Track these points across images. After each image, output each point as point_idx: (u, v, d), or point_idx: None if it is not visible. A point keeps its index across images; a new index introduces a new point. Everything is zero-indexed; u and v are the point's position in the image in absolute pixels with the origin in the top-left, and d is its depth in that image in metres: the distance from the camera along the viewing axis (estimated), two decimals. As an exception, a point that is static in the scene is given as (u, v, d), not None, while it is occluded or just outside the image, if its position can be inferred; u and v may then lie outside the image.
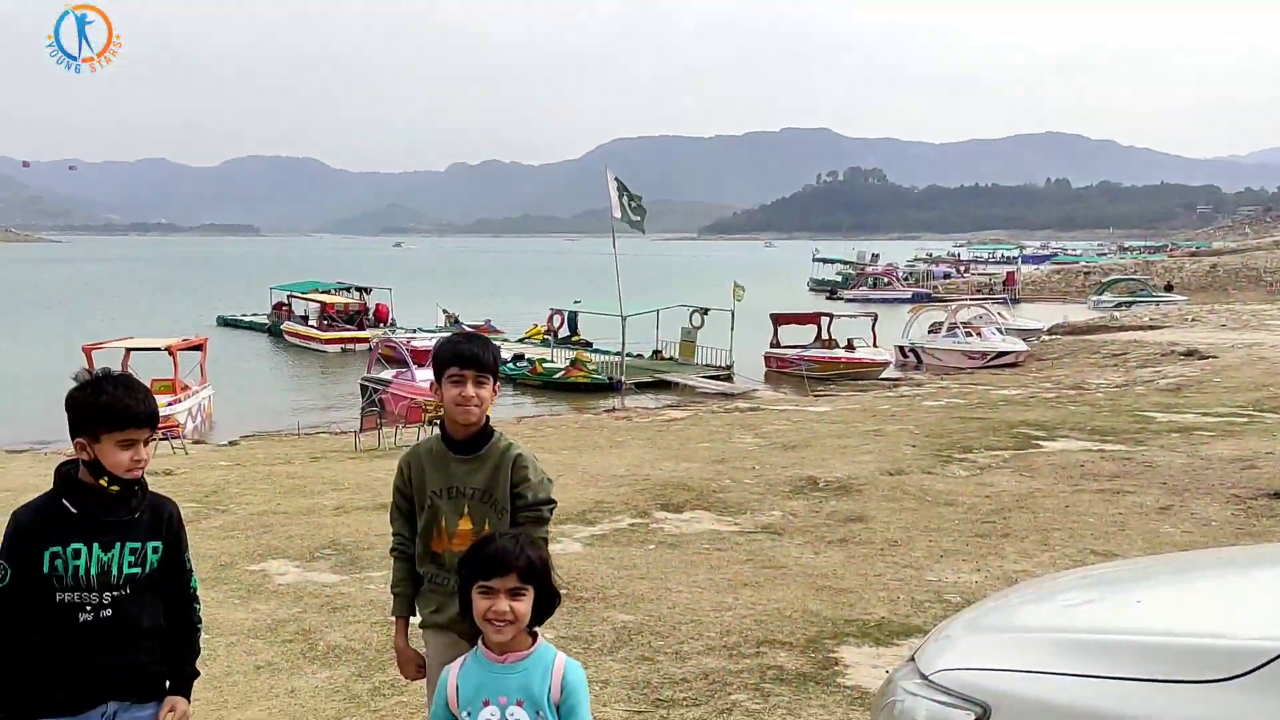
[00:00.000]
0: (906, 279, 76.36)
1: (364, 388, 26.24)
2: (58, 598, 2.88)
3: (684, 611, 6.59)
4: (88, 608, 2.89)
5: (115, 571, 2.93)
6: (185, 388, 23.33)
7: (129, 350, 23.32)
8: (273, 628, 6.46)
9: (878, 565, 7.77)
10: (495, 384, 3.36)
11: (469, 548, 2.79)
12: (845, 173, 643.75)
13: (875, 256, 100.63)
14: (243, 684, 5.48)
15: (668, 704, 5.08)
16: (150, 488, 3.11)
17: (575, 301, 41.94)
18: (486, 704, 2.58)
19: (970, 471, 11.87)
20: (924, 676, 2.83)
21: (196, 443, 19.92)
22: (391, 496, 3.54)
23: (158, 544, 3.03)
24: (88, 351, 21.98)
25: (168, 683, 3.10)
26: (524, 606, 2.60)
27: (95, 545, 2.90)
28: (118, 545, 2.94)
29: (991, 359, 32.36)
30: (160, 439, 18.11)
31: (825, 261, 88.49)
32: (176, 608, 3.13)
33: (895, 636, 6.10)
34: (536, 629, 2.69)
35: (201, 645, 3.22)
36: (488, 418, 3.40)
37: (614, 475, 12.14)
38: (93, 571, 2.89)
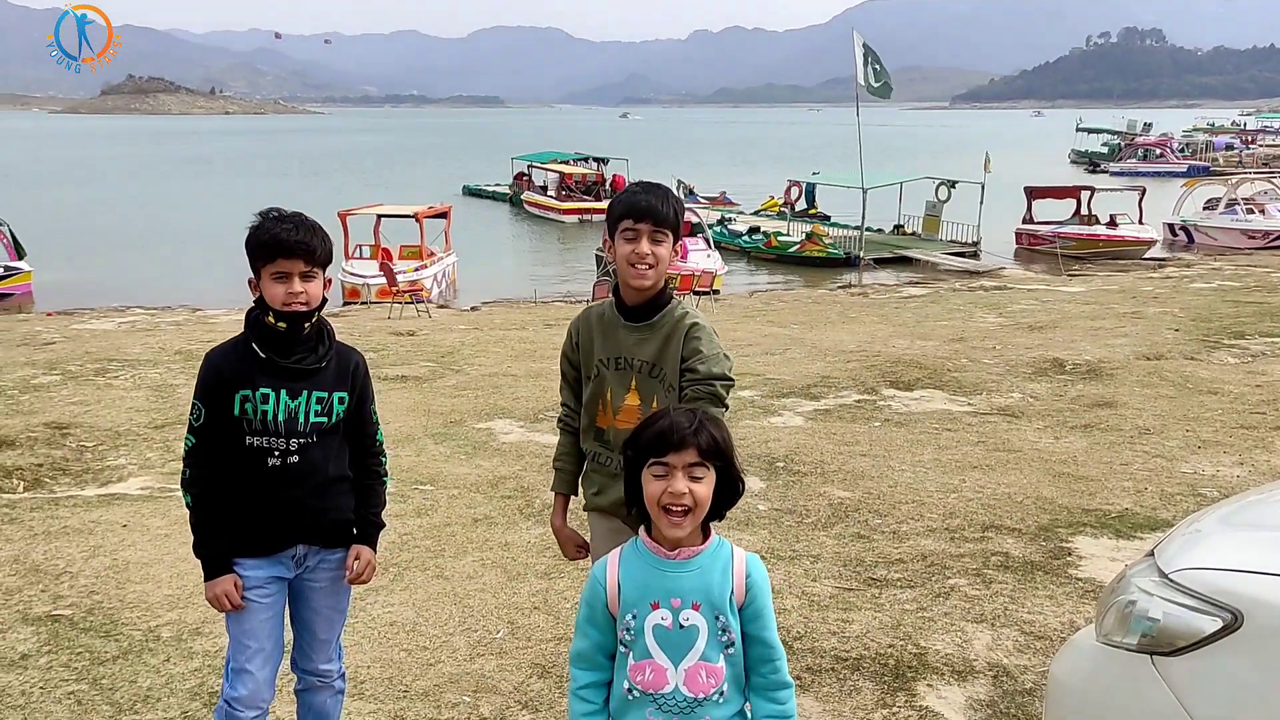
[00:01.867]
0: (1181, 151, 69.88)
1: (599, 259, 26.61)
2: (247, 441, 2.90)
3: (905, 491, 6.29)
4: (275, 453, 2.91)
5: (302, 419, 2.92)
6: (431, 254, 24.33)
7: (380, 216, 24.46)
8: (493, 483, 6.63)
9: (1125, 454, 7.17)
10: (676, 243, 3.01)
11: (638, 425, 2.36)
12: (1119, 34, 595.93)
13: (1147, 126, 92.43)
14: (460, 535, 5.64)
15: (880, 583, 4.85)
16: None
17: (813, 173, 40.74)
18: (655, 606, 2.23)
19: (1240, 359, 10.83)
20: (1164, 574, 2.45)
21: (441, 307, 20.81)
22: (559, 363, 3.30)
23: (344, 394, 3.00)
24: (343, 217, 23.22)
25: (355, 530, 3.13)
26: (704, 490, 2.20)
27: (283, 392, 2.90)
28: (305, 394, 2.93)
29: (1275, 239, 29.35)
30: (408, 302, 19.04)
31: (1090, 131, 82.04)
32: (362, 459, 3.12)
33: (1139, 530, 5.60)
34: (710, 523, 2.30)
35: (388, 497, 3.22)
36: (666, 282, 3.04)
37: (843, 351, 11.80)
38: (280, 417, 2.90)
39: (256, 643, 2.98)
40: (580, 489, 3.23)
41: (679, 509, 2.19)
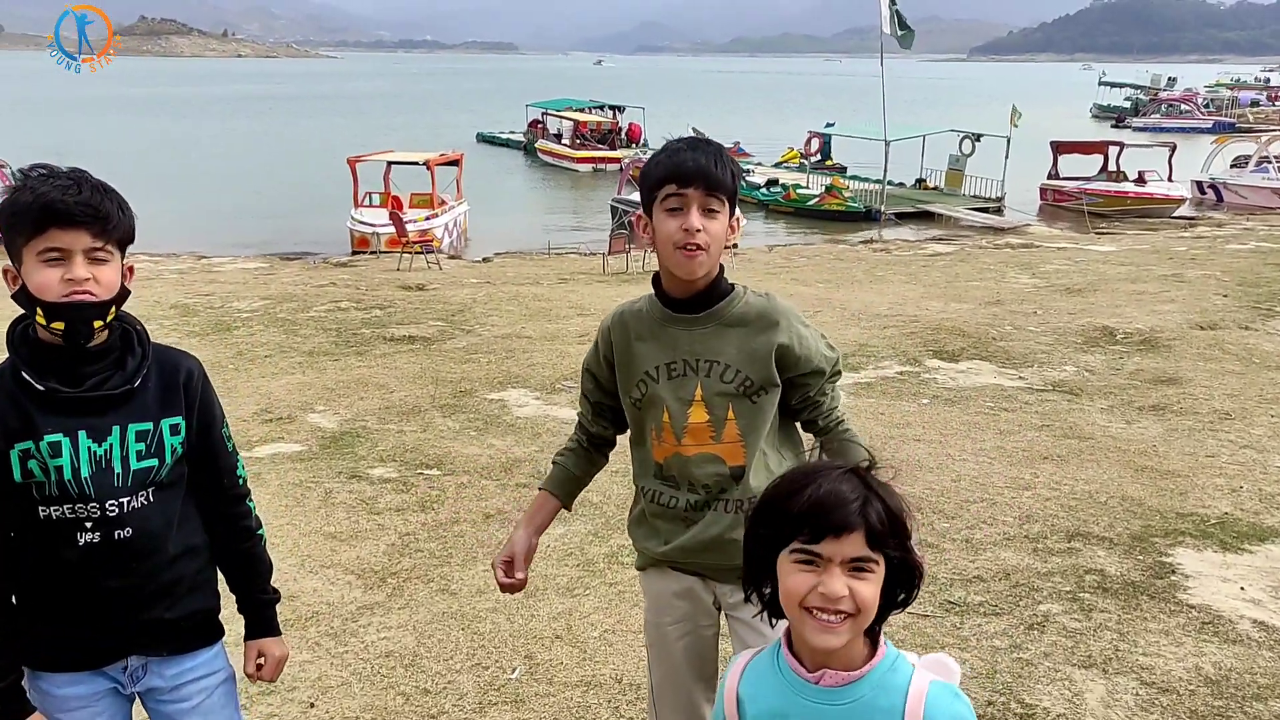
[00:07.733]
0: (1207, 106, 68.32)
1: (614, 209, 25.77)
2: (42, 514, 1.97)
3: (972, 486, 5.56)
4: (88, 525, 1.98)
5: (119, 469, 1.99)
6: (442, 202, 23.50)
7: (390, 164, 23.61)
8: (507, 468, 5.91)
9: (1208, 443, 6.44)
10: (735, 216, 2.22)
11: (776, 484, 1.62)
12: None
13: (1171, 80, 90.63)
14: (469, 535, 4.91)
15: (960, 609, 4.14)
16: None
17: (827, 125, 39.60)
18: None
19: (1301, 329, 10.10)
20: None
21: (452, 258, 20.04)
22: (580, 380, 2.51)
23: (177, 420, 2.06)
24: (352, 164, 22.42)
25: (248, 624, 2.27)
26: (870, 591, 1.51)
27: (81, 434, 1.97)
28: (116, 430, 1.99)
29: (1307, 199, 28.37)
30: (417, 252, 18.24)
31: (1113, 85, 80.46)
32: (221, 509, 2.20)
33: (1246, 540, 4.88)
34: (879, 628, 1.59)
35: (273, 558, 2.33)
36: (721, 268, 2.27)
37: (876, 314, 11.05)
38: (84, 473, 1.96)
39: None
40: (631, 536, 2.50)
41: (833, 613, 1.51)
